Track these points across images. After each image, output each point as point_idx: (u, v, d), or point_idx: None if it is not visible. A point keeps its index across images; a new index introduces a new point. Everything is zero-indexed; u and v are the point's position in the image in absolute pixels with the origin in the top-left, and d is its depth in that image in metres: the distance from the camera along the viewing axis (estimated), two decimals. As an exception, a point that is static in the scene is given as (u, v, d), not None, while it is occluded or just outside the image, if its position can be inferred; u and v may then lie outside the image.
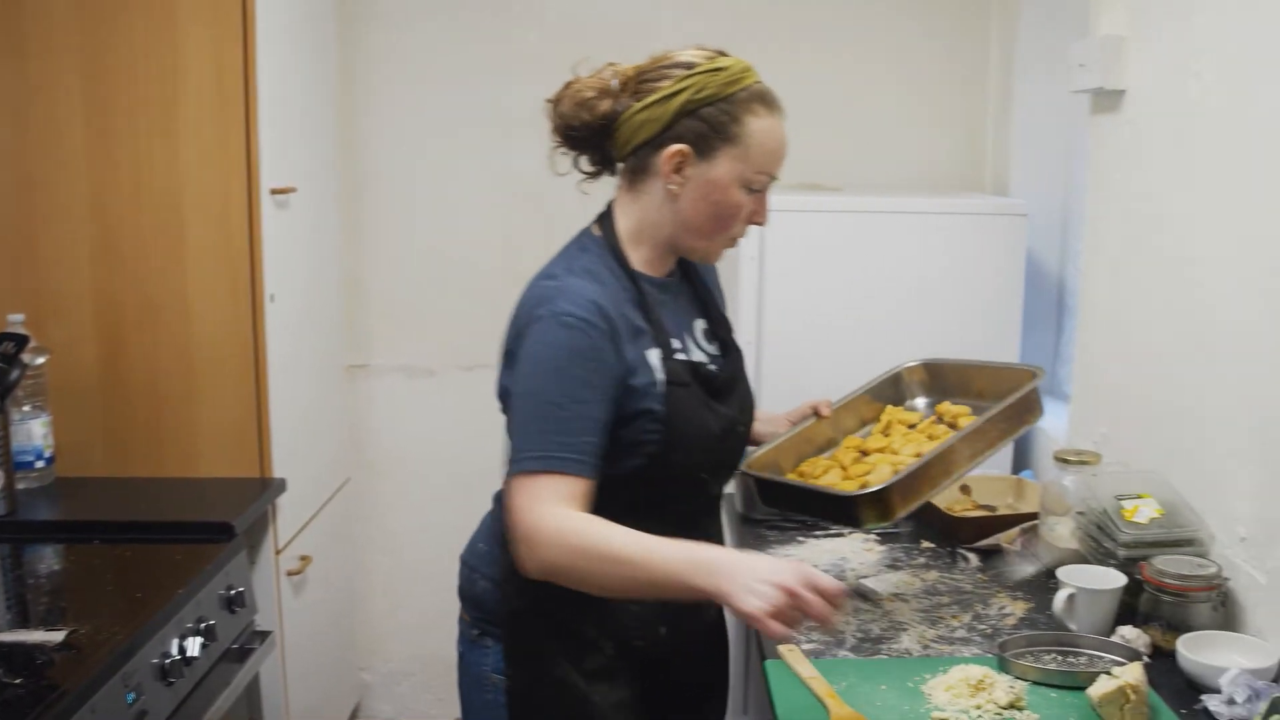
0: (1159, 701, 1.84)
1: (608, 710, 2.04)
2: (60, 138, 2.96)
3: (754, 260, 3.21)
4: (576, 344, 1.88)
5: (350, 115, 3.83)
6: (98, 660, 2.05)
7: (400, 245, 3.90)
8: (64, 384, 3.02)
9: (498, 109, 3.81)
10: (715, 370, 2.08)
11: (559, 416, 1.86)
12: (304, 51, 3.36)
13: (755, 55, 3.69)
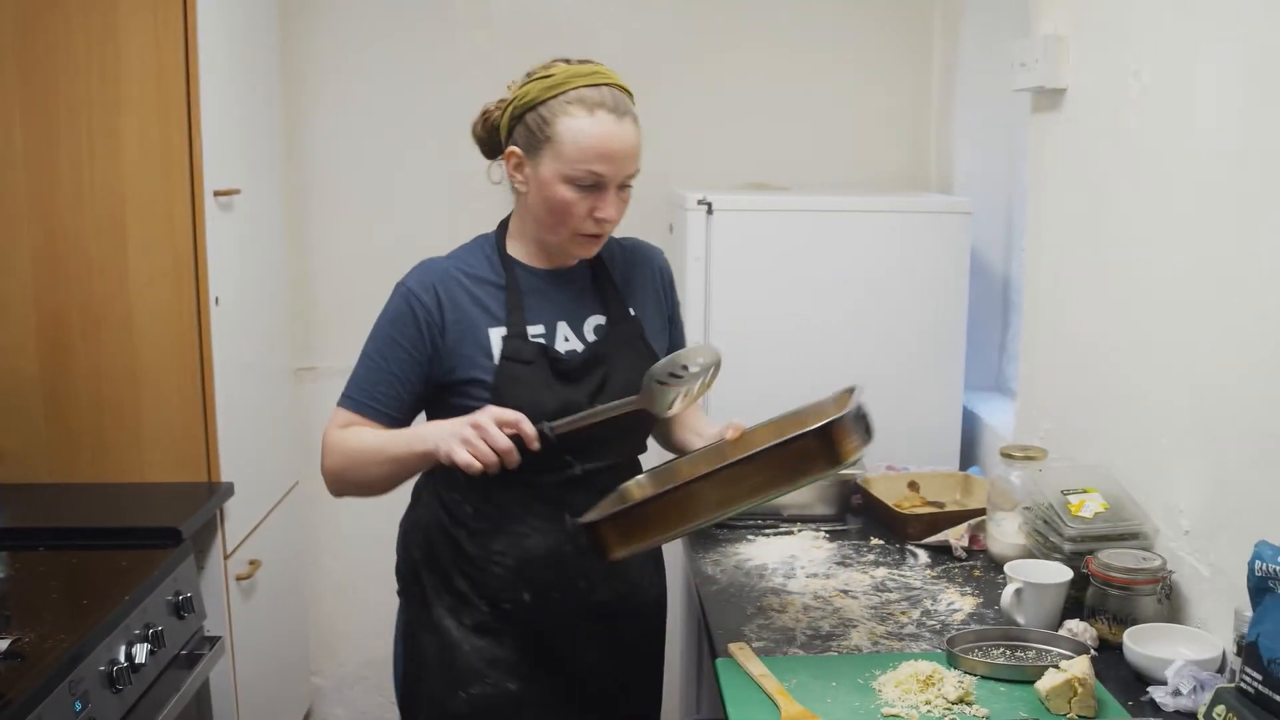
0: (1106, 694, 1.86)
1: (480, 664, 2.22)
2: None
3: (699, 260, 3.21)
4: (398, 310, 2.20)
5: (295, 116, 3.80)
6: (44, 668, 2.03)
7: (347, 247, 3.88)
8: (5, 388, 2.99)
9: (444, 110, 3.78)
10: (569, 355, 2.19)
11: (369, 367, 2.20)
12: (246, 51, 3.34)
13: (699, 54, 3.76)
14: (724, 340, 3.23)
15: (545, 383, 2.15)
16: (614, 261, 2.31)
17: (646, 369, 2.13)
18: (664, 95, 3.78)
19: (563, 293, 2.24)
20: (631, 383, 2.15)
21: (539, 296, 2.22)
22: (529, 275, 2.23)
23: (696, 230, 3.21)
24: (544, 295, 2.22)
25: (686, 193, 3.27)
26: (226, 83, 3.11)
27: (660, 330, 2.33)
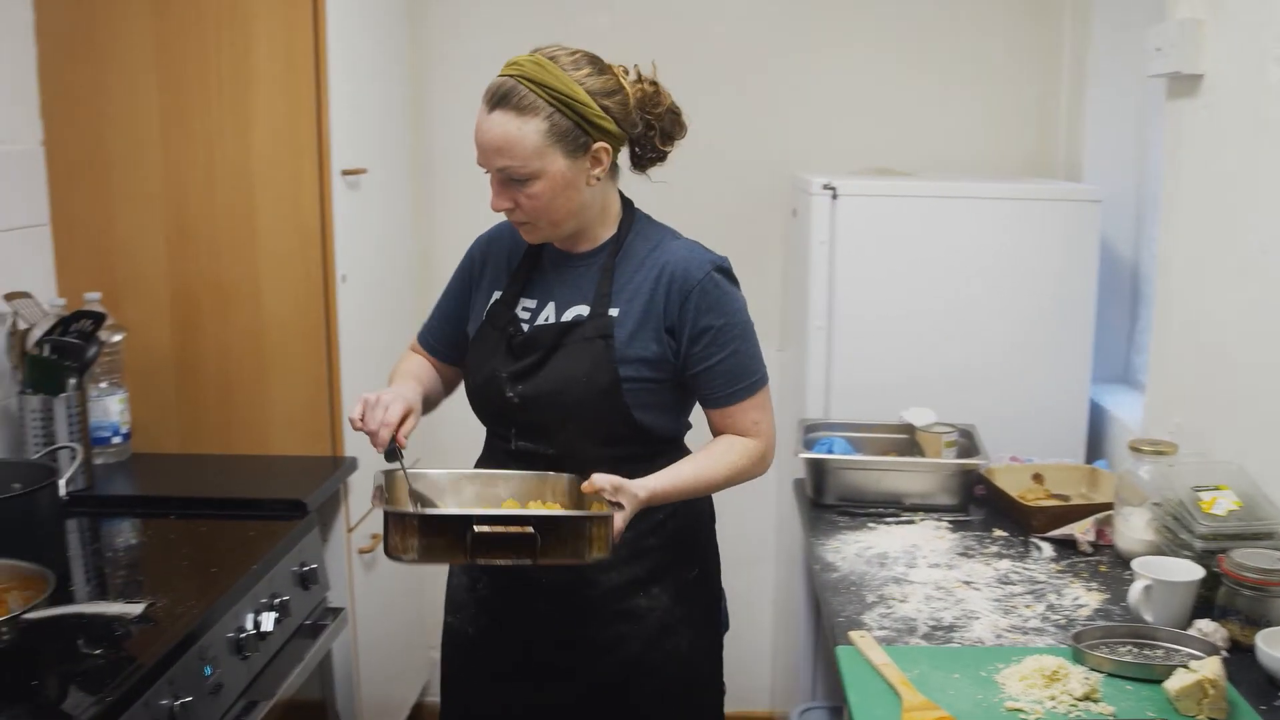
0: (1238, 697, 1.82)
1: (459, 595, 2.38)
2: (135, 119, 3.00)
3: (824, 245, 3.19)
4: (465, 256, 2.44)
5: (421, 95, 3.84)
6: (175, 633, 2.08)
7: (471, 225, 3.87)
8: (139, 362, 3.07)
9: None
10: (521, 332, 2.24)
11: (437, 304, 2.46)
12: (375, 31, 3.38)
13: (823, 38, 3.73)
14: (846, 326, 3.22)
15: (496, 350, 2.25)
16: (628, 258, 2.26)
17: (597, 369, 2.16)
18: (786, 80, 3.76)
19: (569, 275, 2.27)
20: (569, 376, 2.18)
21: (551, 273, 2.29)
22: (554, 252, 2.29)
23: (821, 215, 3.18)
24: (556, 273, 2.28)
25: (810, 178, 3.25)
26: (354, 63, 3.15)
27: (650, 339, 2.19)
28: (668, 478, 2.13)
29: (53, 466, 2.49)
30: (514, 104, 2.08)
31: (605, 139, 2.14)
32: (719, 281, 2.22)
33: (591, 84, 2.12)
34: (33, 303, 2.79)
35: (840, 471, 2.81)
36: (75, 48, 2.98)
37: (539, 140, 2.07)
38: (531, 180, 2.10)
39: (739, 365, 2.22)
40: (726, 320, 2.21)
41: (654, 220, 2.35)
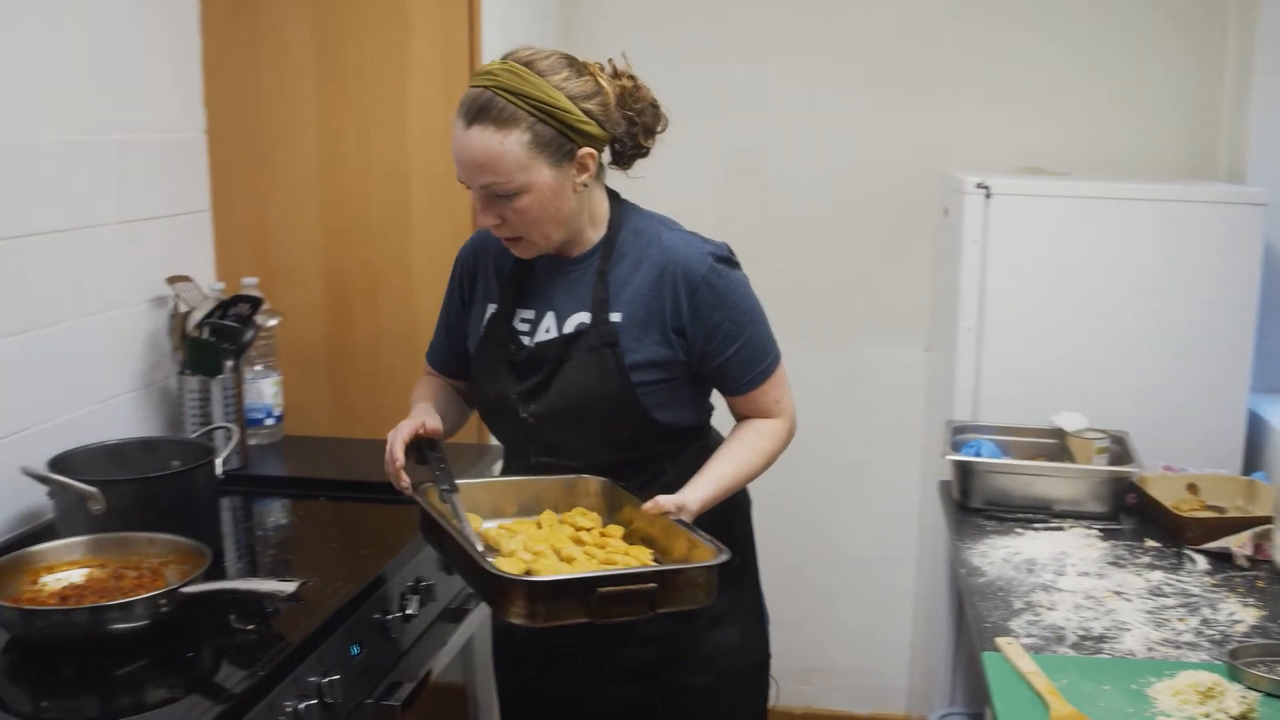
0: (1405, 719, 1.76)
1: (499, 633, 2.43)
2: (293, 108, 3.07)
3: (976, 244, 3.15)
4: (453, 268, 2.37)
5: (572, 90, 3.86)
6: (324, 612, 2.12)
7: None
8: (293, 346, 3.14)
9: (717, 86, 3.80)
10: (524, 348, 2.19)
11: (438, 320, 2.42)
12: (527, 26, 3.41)
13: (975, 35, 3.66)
14: (997, 327, 3.17)
15: (500, 368, 2.21)
16: (621, 258, 2.18)
17: (607, 378, 2.12)
18: (938, 77, 3.71)
19: (563, 281, 2.20)
20: (579, 389, 2.13)
21: (545, 281, 2.22)
22: (546, 258, 2.20)
23: (974, 214, 3.14)
24: (550, 280, 2.21)
25: (963, 176, 3.20)
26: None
27: (657, 342, 2.14)
28: (711, 484, 2.10)
29: (210, 446, 2.56)
30: (493, 117, 1.99)
31: (590, 143, 2.07)
32: (722, 273, 2.15)
33: (571, 88, 2.04)
34: (193, 286, 2.87)
35: (988, 475, 2.77)
36: (237, 39, 3.06)
37: (522, 153, 2.00)
38: (518, 195, 2.02)
39: (754, 351, 2.19)
40: (735, 310, 2.16)
41: (642, 211, 2.26)
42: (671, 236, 2.19)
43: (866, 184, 3.78)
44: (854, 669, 4.07)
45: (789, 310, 3.82)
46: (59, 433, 2.55)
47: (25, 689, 1.90)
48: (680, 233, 2.21)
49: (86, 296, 2.66)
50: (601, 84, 2.09)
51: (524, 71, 2.01)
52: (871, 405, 3.88)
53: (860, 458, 3.93)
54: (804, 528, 3.94)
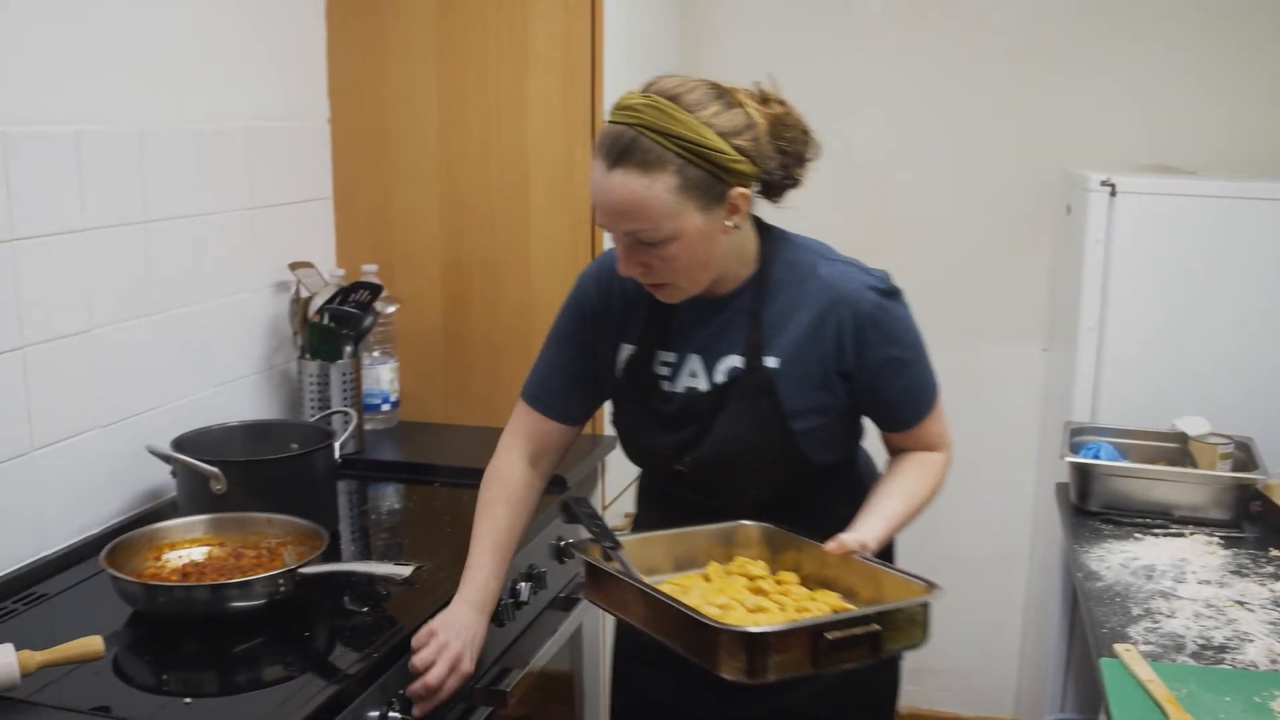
0: None
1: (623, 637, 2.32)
2: (415, 98, 3.10)
3: (1099, 243, 3.09)
4: (571, 300, 2.18)
5: (691, 82, 3.86)
6: (437, 596, 2.14)
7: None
8: (410, 333, 3.18)
9: (839, 82, 3.77)
10: (671, 398, 2.04)
11: (543, 357, 2.21)
12: (649, 19, 3.41)
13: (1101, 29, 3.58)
14: (1119, 328, 3.11)
15: (646, 419, 2.07)
16: (775, 296, 2.00)
17: (765, 429, 1.97)
18: (1061, 71, 3.64)
19: (709, 322, 2.02)
20: (736, 440, 1.99)
21: (685, 320, 2.04)
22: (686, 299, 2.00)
23: (1098, 212, 3.08)
24: (690, 319, 2.04)
25: (1088, 173, 3.15)
26: (629, 49, 3.18)
27: (817, 386, 1.99)
28: (884, 521, 1.95)
29: (328, 430, 2.60)
30: (638, 160, 1.80)
31: (742, 182, 1.87)
32: (887, 308, 1.98)
33: (722, 123, 1.84)
34: (314, 272, 2.92)
35: (1107, 478, 2.72)
36: (362, 30, 3.10)
37: (671, 199, 1.80)
38: (666, 243, 1.84)
39: (917, 386, 2.06)
40: (900, 346, 2.01)
41: (792, 239, 2.07)
42: (829, 269, 2.00)
43: (986, 181, 3.73)
44: (962, 670, 4.02)
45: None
46: (183, 413, 2.61)
47: (147, 662, 1.95)
48: (838, 264, 2.02)
49: (211, 281, 2.72)
50: (753, 115, 1.89)
51: (670, 107, 1.81)
52: (987, 404, 3.82)
53: (974, 457, 3.86)
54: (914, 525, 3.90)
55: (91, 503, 2.40)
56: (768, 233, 2.05)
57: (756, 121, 1.89)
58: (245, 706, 1.81)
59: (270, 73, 2.92)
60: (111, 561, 2.04)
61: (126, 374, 2.46)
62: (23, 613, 2.09)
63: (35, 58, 2.20)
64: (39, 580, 2.21)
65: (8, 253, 2.15)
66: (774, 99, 1.98)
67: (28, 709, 1.72)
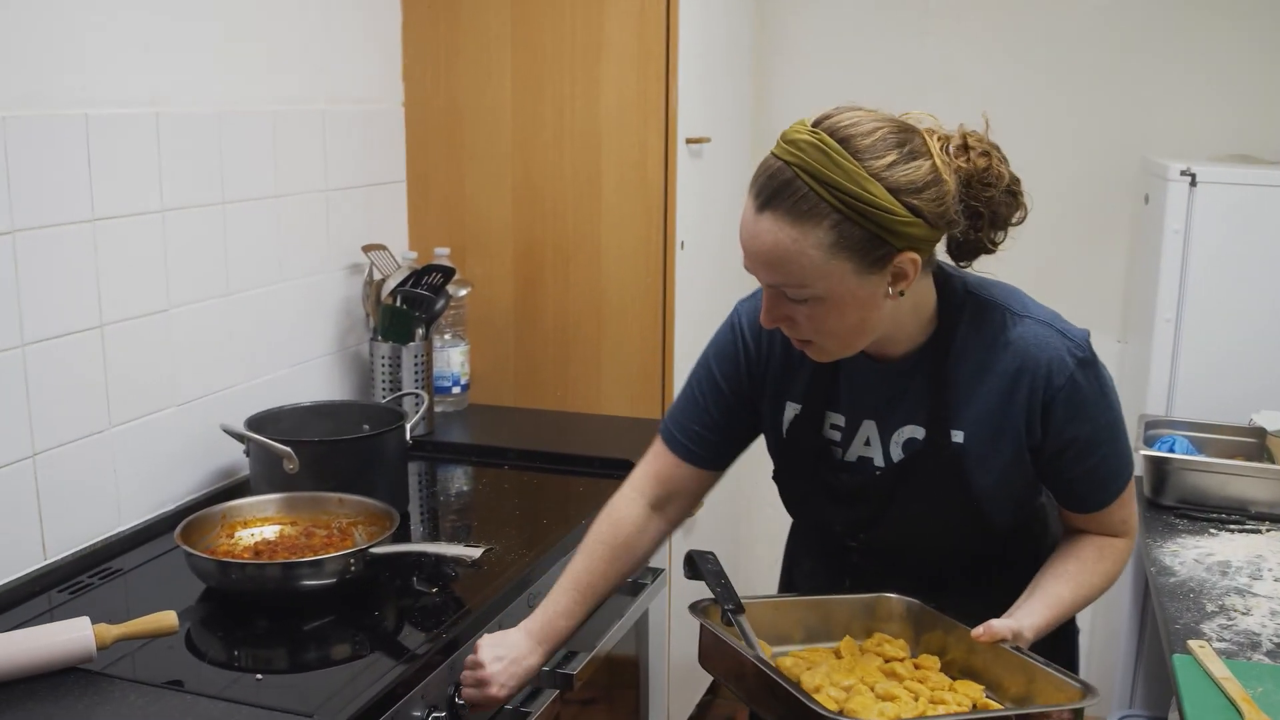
0: None
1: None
2: (489, 81, 3.11)
3: (1178, 234, 3.05)
4: (722, 337, 1.94)
5: (765, 68, 3.84)
6: (505, 579, 2.15)
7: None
8: (481, 316, 3.19)
9: (914, 67, 3.74)
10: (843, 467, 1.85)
11: (685, 395, 1.98)
12: (724, 3, 3.40)
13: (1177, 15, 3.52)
14: (1196, 320, 3.07)
15: (818, 493, 1.89)
16: (961, 360, 1.76)
17: (949, 508, 1.78)
18: (1142, 58, 3.57)
19: (885, 385, 1.80)
20: (916, 520, 1.81)
21: (857, 380, 1.82)
22: (859, 357, 1.79)
23: (1177, 203, 3.03)
24: (863, 380, 1.82)
25: (1167, 163, 3.10)
26: (703, 32, 3.17)
27: (1005, 461, 1.76)
28: (1046, 608, 1.75)
29: (400, 411, 2.61)
30: (789, 207, 1.57)
31: (913, 246, 1.60)
32: (1084, 381, 1.74)
33: (897, 176, 1.56)
34: (387, 255, 2.94)
35: (1182, 472, 2.68)
36: (436, 13, 3.11)
37: (821, 257, 1.57)
38: (813, 301, 1.63)
39: (1107, 469, 1.80)
40: (1093, 425, 1.76)
41: (977, 293, 1.80)
42: (1022, 330, 1.76)
43: (1062, 169, 3.68)
44: (1031, 664, 3.98)
45: (978, 296, 3.76)
46: (256, 393, 2.64)
47: (219, 637, 1.98)
48: (1032, 323, 1.77)
49: (286, 262, 2.74)
50: (940, 170, 1.60)
51: (836, 150, 1.56)
52: (1060, 396, 3.78)
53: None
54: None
55: (166, 480, 2.43)
56: (948, 284, 1.79)
57: (944, 178, 1.61)
58: (315, 684, 1.82)
59: (346, 56, 2.93)
60: (185, 538, 2.07)
61: (202, 353, 2.49)
62: (99, 587, 2.12)
63: (116, 41, 2.23)
64: (115, 555, 2.25)
65: (88, 233, 2.18)
66: (978, 148, 1.68)
67: (104, 681, 1.75)
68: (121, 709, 1.67)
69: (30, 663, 1.74)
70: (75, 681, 1.74)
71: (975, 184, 1.66)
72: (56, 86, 2.11)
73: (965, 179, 1.65)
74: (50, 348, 2.12)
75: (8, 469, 2.04)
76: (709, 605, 1.79)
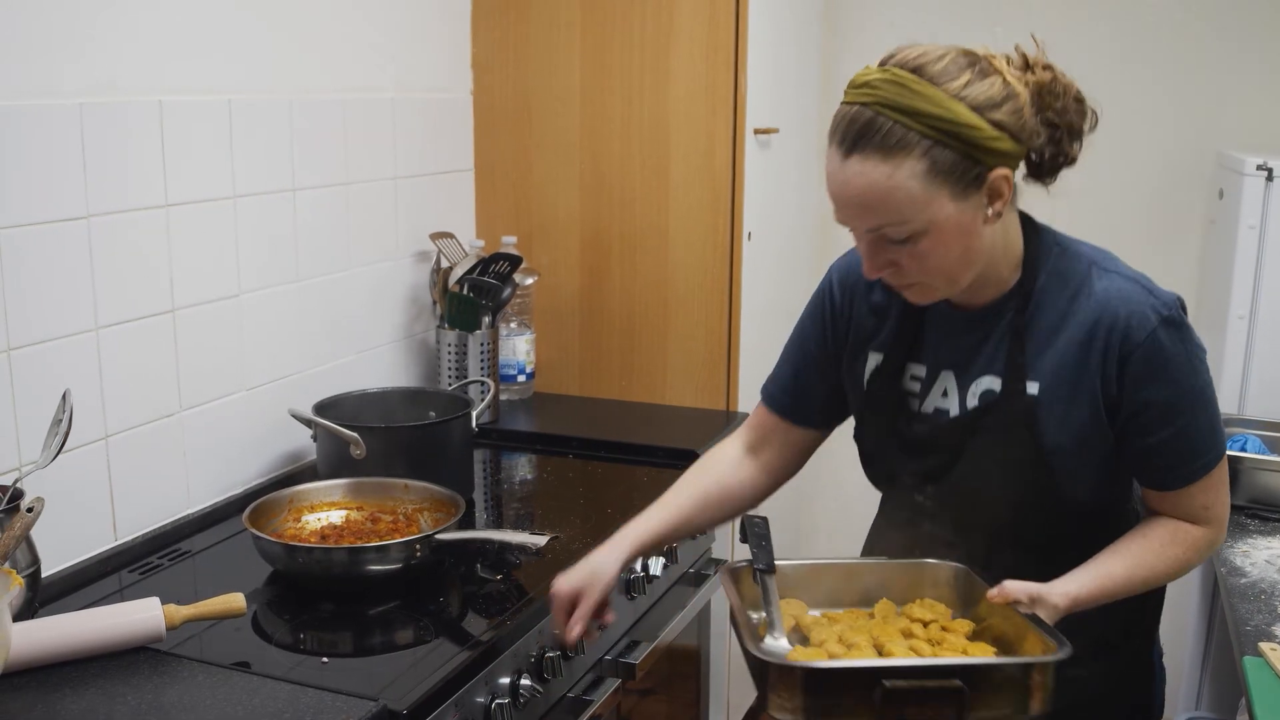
0: None
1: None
2: (557, 71, 3.11)
3: (1253, 230, 3.00)
4: (815, 296, 1.96)
5: (833, 59, 3.82)
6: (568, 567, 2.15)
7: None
8: (547, 305, 3.20)
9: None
10: (917, 419, 1.83)
11: (784, 354, 2.02)
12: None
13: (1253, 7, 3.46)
14: (1272, 318, 3.02)
15: (889, 439, 1.86)
16: (1042, 310, 1.74)
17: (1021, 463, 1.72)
18: (1218, 50, 3.51)
19: (967, 335, 1.78)
20: (986, 473, 1.76)
21: (939, 331, 1.81)
22: (945, 306, 1.79)
23: (1252, 198, 2.99)
24: (947, 329, 1.80)
25: (1243, 157, 3.05)
26: (772, 23, 3.16)
27: (1083, 417, 1.70)
28: (1094, 580, 1.68)
29: (465, 399, 2.62)
30: (877, 144, 1.57)
31: (1003, 162, 1.62)
32: (1166, 340, 1.67)
33: (975, 94, 1.58)
34: (455, 243, 2.95)
35: (1254, 471, 2.64)
36: (506, 2, 3.12)
37: (918, 187, 1.57)
38: (916, 238, 1.61)
39: (1188, 442, 1.71)
40: (1174, 388, 1.69)
41: (1065, 243, 1.79)
42: (1107, 283, 1.72)
43: (1135, 161, 3.63)
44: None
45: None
46: (324, 379, 2.66)
47: (285, 620, 2.00)
48: (1118, 277, 1.73)
49: (355, 249, 2.76)
50: (1013, 84, 1.63)
51: (911, 80, 1.58)
52: (1129, 392, 3.73)
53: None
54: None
55: (235, 463, 2.46)
56: (1037, 234, 1.78)
57: (1017, 91, 1.62)
58: (379, 668, 1.84)
59: (416, 45, 2.95)
60: (253, 521, 2.09)
61: (271, 339, 2.52)
62: (168, 568, 2.15)
63: (190, 29, 2.25)
64: (184, 537, 2.28)
65: (161, 219, 2.21)
66: (1038, 64, 1.69)
67: (172, 661, 1.77)
68: (190, 689, 1.69)
69: (101, 642, 1.76)
70: (145, 661, 1.76)
71: (1046, 96, 1.67)
72: (132, 74, 2.14)
73: (1035, 92, 1.66)
74: (123, 331, 2.15)
75: (81, 450, 2.07)
76: (743, 567, 1.78)
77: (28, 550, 1.82)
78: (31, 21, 1.94)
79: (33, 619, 1.80)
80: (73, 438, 1.86)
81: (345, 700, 1.66)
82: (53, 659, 1.73)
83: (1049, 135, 1.68)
